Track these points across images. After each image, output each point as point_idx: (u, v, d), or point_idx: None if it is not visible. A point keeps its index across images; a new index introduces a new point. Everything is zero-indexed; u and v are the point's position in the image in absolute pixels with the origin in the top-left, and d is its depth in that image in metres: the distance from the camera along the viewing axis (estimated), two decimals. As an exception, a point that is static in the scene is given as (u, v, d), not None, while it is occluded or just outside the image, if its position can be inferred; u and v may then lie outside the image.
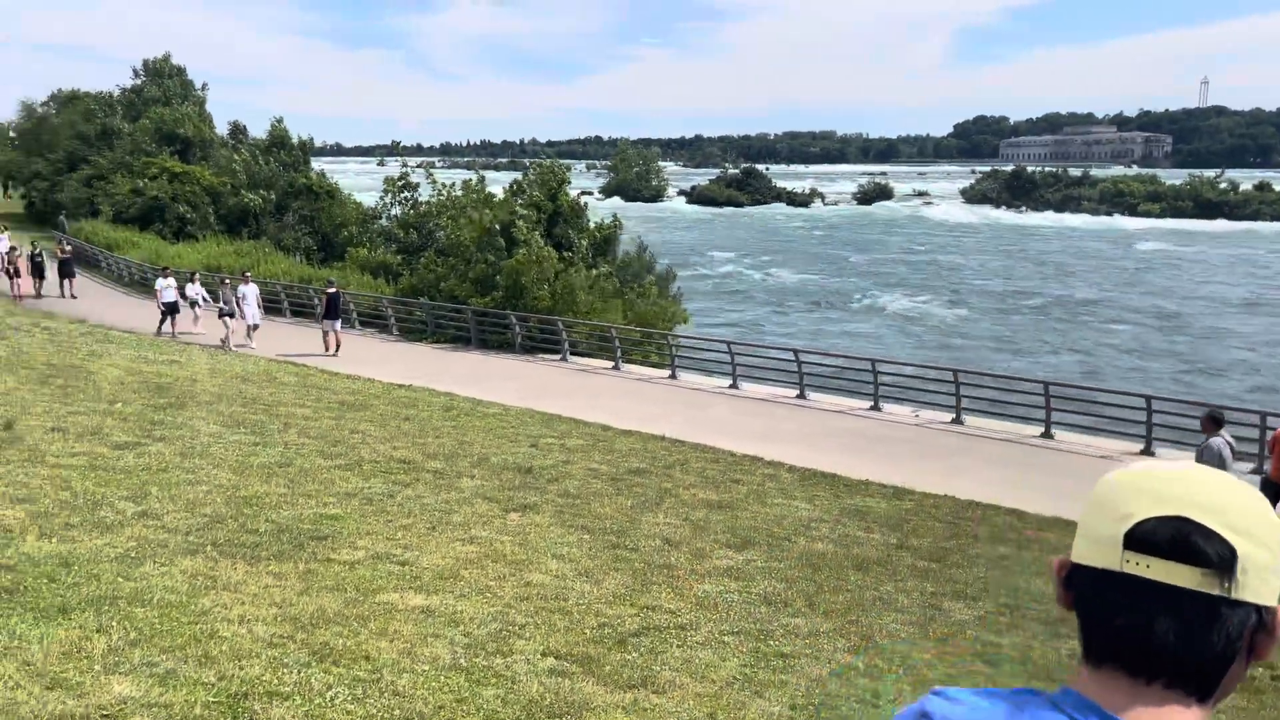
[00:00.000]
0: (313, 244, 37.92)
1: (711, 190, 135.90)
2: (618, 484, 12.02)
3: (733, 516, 10.91)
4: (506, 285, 24.06)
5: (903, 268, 62.23)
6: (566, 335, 22.98)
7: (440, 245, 27.92)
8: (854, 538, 10.46)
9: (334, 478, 10.24)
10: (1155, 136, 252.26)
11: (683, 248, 72.02)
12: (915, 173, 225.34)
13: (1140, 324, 40.71)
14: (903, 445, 16.40)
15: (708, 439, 15.94)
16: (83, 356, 16.65)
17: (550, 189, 26.99)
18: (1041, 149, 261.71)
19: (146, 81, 66.65)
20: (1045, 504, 13.05)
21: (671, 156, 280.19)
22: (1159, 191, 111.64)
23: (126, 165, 45.25)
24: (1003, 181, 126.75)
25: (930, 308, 44.88)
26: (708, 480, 12.84)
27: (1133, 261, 66.53)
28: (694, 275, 55.32)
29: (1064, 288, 52.04)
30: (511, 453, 13.27)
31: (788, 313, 43.28)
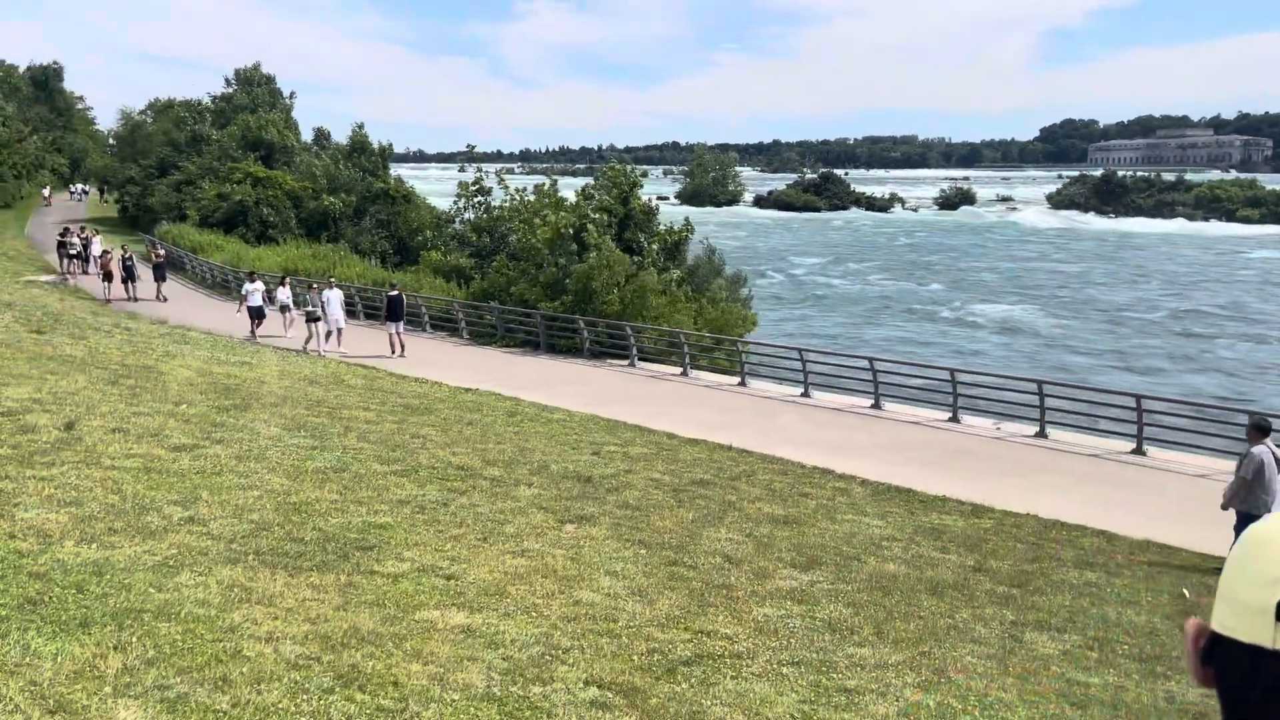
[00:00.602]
0: (389, 247, 38.39)
1: (788, 195, 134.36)
2: (679, 495, 11.60)
3: (799, 533, 10.39)
4: (576, 289, 23.84)
5: (987, 274, 60.43)
6: (635, 340, 22.63)
7: (512, 249, 27.89)
8: (928, 558, 9.85)
9: (389, 484, 10.03)
10: (1254, 140, 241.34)
11: (758, 253, 71.23)
12: (999, 178, 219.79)
13: (1257, 337, 38.66)
14: (983, 460, 15.62)
15: (776, 450, 15.41)
16: (156, 357, 16.90)
17: (621, 192, 26.72)
18: (1133, 153, 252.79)
19: (237, 90, 68.76)
20: (1137, 526, 12.21)
21: (749, 162, 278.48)
22: (1259, 196, 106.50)
23: (213, 170, 46.52)
24: (1091, 186, 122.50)
25: (1017, 315, 43.37)
26: (774, 494, 12.33)
27: (1248, 269, 63.47)
28: (768, 281, 54.56)
29: (1168, 297, 49.84)
30: (572, 460, 12.95)
31: (865, 320, 42.27)
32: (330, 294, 22.89)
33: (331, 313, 22.62)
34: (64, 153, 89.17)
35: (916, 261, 67.81)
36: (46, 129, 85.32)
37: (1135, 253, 74.64)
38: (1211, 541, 11.69)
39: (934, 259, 69.57)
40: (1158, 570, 10.21)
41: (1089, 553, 10.76)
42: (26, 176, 69.13)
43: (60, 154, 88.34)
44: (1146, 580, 9.79)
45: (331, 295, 22.87)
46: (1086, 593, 9.14)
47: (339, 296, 23.16)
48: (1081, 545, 11.11)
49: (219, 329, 25.20)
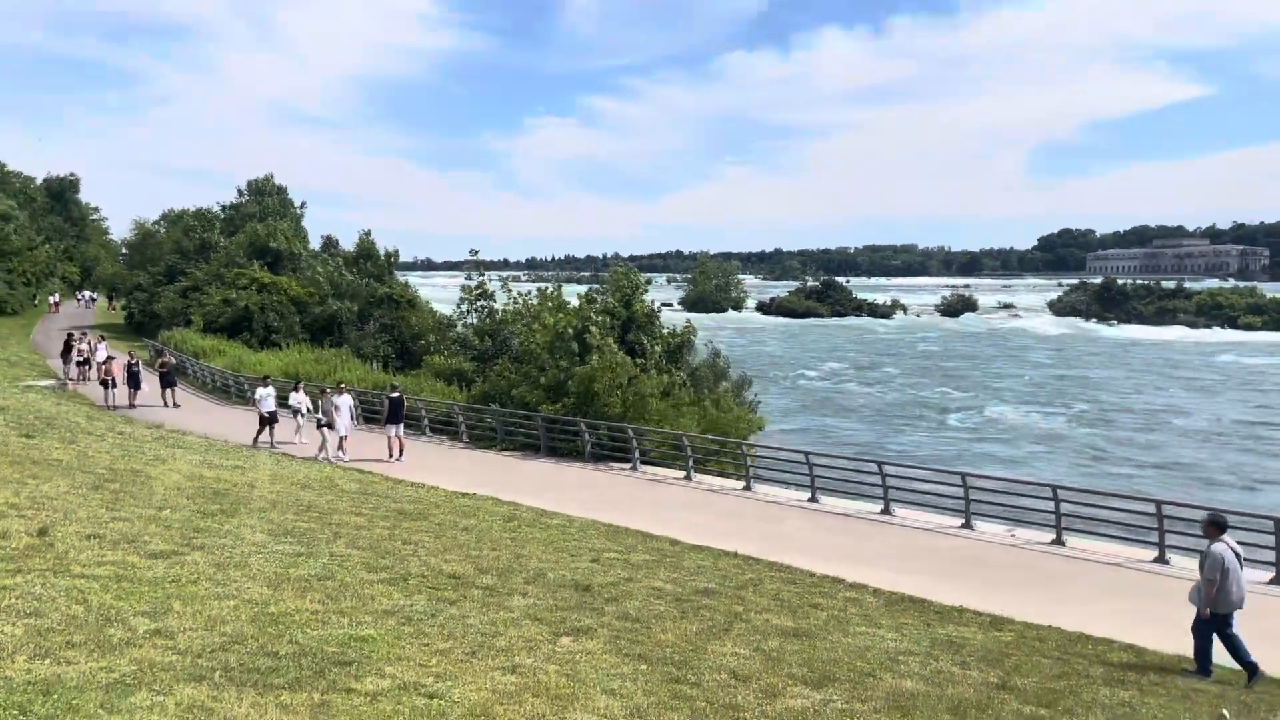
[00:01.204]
0: (391, 352, 38.32)
1: (791, 302, 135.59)
2: (683, 606, 11.01)
3: (810, 647, 9.78)
4: (578, 391, 23.54)
5: (1000, 379, 60.18)
6: (637, 443, 22.20)
7: (514, 352, 27.73)
8: (948, 674, 9.22)
9: (375, 593, 9.49)
10: (1251, 249, 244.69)
11: (764, 357, 71.24)
12: (999, 285, 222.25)
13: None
14: (999, 568, 14.99)
15: (784, 557, 14.83)
16: (146, 461, 16.49)
17: (624, 295, 26.71)
18: (1130, 262, 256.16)
19: (249, 199, 70.18)
20: (1166, 639, 11.54)
21: (752, 270, 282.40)
22: (1260, 304, 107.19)
23: (220, 277, 46.95)
24: (1092, 293, 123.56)
25: (1032, 420, 42.91)
26: (783, 604, 11.73)
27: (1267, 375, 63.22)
28: (771, 384, 54.31)
29: (1191, 401, 49.42)
30: (570, 568, 12.38)
31: (875, 424, 41.79)
32: (340, 399, 22.50)
33: (341, 419, 22.18)
34: (75, 261, 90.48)
35: (925, 366, 67.67)
36: (59, 238, 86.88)
37: (1145, 356, 74.53)
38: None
39: (943, 364, 69.47)
40: (1194, 689, 9.54)
41: (1119, 669, 10.11)
42: (37, 284, 69.88)
43: (72, 262, 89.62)
44: (1183, 700, 9.13)
45: (341, 401, 22.47)
46: (1121, 715, 8.49)
47: (348, 403, 22.75)
48: (1110, 661, 10.46)
49: (217, 433, 24.85)
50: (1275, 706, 9.26)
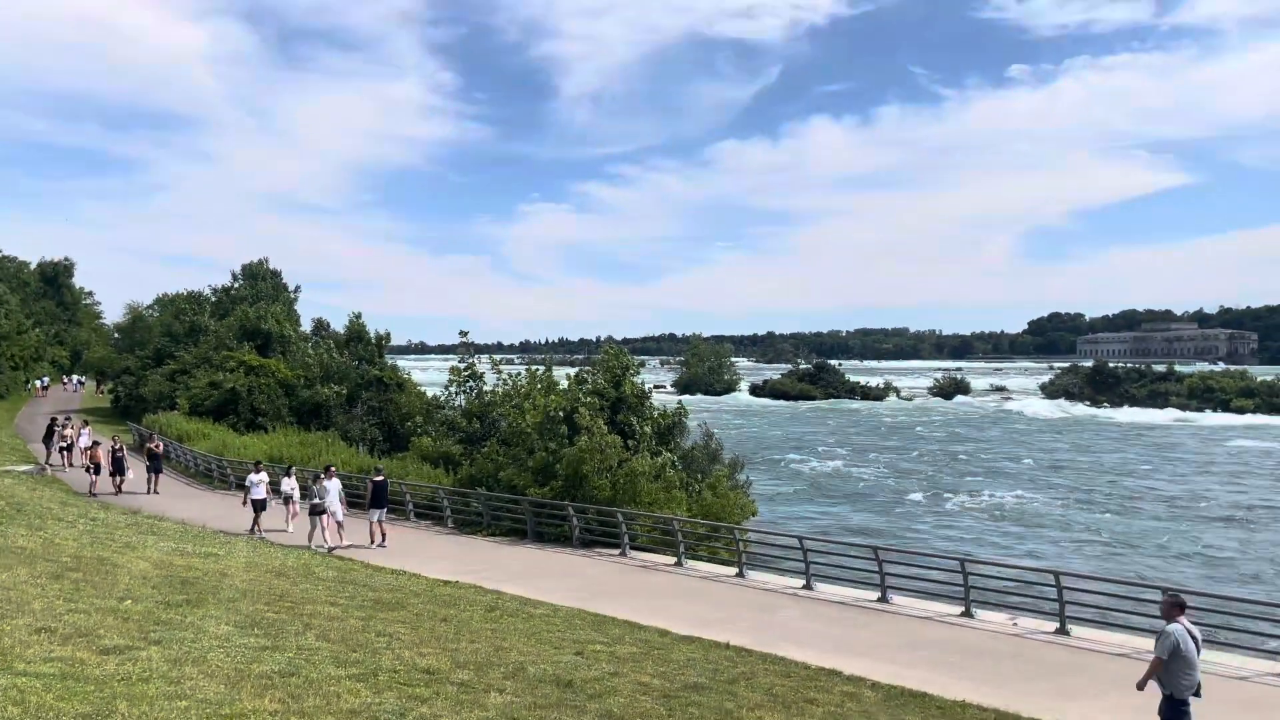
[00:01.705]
0: (379, 434, 37.80)
1: (783, 384, 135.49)
2: (670, 703, 10.39)
3: (805, 748, 9.17)
4: (567, 474, 23.02)
5: (1001, 463, 59.61)
6: (626, 528, 21.61)
7: (502, 435, 27.27)
8: (954, 779, 8.61)
9: (341, 690, 8.90)
10: (1240, 333, 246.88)
11: (754, 440, 70.69)
12: (991, 368, 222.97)
13: None
14: (1002, 660, 14.34)
15: (778, 648, 14.19)
16: (115, 549, 15.88)
17: (614, 375, 26.40)
18: (1120, 345, 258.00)
19: (242, 283, 70.32)
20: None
21: (744, 353, 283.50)
22: (1251, 387, 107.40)
23: (209, 360, 46.62)
24: (1084, 376, 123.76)
25: (1035, 505, 42.26)
26: (776, 700, 11.10)
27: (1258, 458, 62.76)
28: (764, 467, 53.68)
29: (1195, 485, 48.86)
30: (553, 662, 11.76)
31: (871, 508, 41.11)
32: (330, 484, 21.79)
33: (330, 504, 21.48)
34: (66, 345, 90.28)
35: (923, 450, 67.13)
36: (50, 322, 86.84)
37: (1148, 439, 74.16)
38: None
39: (942, 448, 68.96)
40: (1217, 792, 8.91)
41: (1137, 771, 9.48)
42: (25, 368, 69.48)
43: (62, 346, 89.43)
44: (1206, 805, 8.51)
45: (331, 485, 21.78)
46: (1141, 822, 7.88)
47: (337, 487, 22.06)
48: (1125, 761, 9.83)
49: (197, 518, 24.17)
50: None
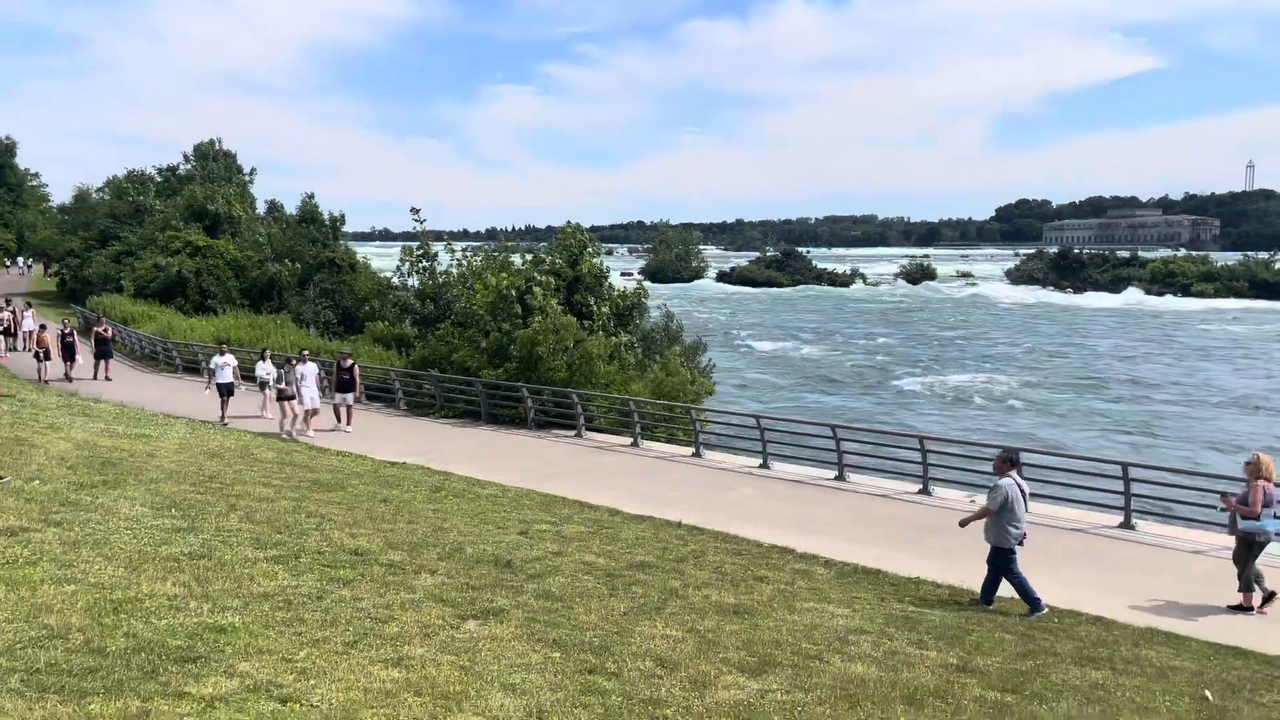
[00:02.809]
0: (333, 317, 36.75)
1: (750, 271, 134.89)
2: (614, 582, 9.95)
3: (751, 626, 8.78)
4: (521, 356, 22.33)
5: (961, 346, 59.83)
6: (582, 409, 21.09)
7: (456, 316, 26.39)
8: (903, 656, 8.27)
9: (256, 573, 8.31)
10: (1202, 219, 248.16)
11: (722, 326, 70.36)
12: (958, 255, 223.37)
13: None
14: (958, 535, 14.03)
15: (731, 526, 13.85)
16: (38, 430, 15.05)
17: (571, 255, 25.46)
18: (1086, 232, 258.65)
19: (195, 164, 67.42)
20: (1136, 611, 10.75)
21: (713, 240, 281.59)
22: (1212, 272, 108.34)
23: (154, 241, 44.88)
24: (1049, 262, 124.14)
25: (995, 386, 42.42)
26: (725, 578, 10.72)
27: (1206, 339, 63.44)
28: (728, 349, 53.43)
29: (1152, 366, 49.28)
30: (494, 542, 11.28)
31: (834, 392, 41.05)
32: (304, 369, 20.39)
33: (307, 390, 20.17)
34: (11, 228, 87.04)
35: (880, 334, 67.18)
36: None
37: (1104, 321, 74.72)
38: (1221, 629, 10.24)
39: (897, 332, 69.03)
40: (1170, 667, 8.68)
41: (1088, 645, 9.22)
42: (-33, 250, 66.89)
43: (7, 229, 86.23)
44: (1159, 679, 8.26)
45: (306, 370, 20.39)
46: (1094, 698, 7.58)
47: (314, 371, 20.74)
48: (1078, 636, 9.58)
49: (135, 400, 23.29)
50: (1252, 683, 8.44)
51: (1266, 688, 8.28)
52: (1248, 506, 10.56)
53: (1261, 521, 10.46)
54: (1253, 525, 10.53)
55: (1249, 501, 10.56)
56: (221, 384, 21.66)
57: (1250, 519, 10.52)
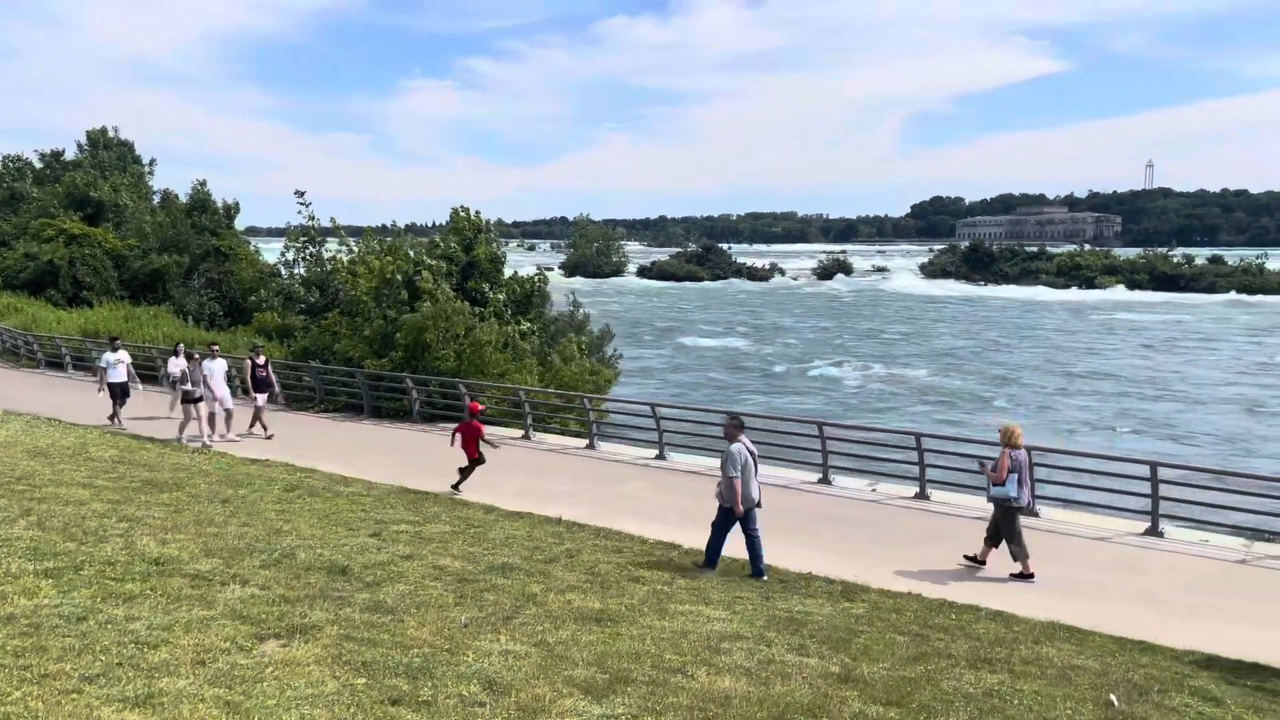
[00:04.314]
0: (219, 309, 34.62)
1: (671, 266, 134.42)
2: (465, 588, 8.79)
3: (612, 636, 7.71)
4: (406, 344, 20.89)
5: (866, 335, 59.89)
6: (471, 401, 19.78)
7: (342, 304, 24.76)
8: (780, 665, 7.28)
9: (13, 590, 6.93)
10: (1105, 216, 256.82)
11: (639, 319, 69.46)
12: (875, 251, 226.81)
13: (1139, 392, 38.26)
14: (857, 527, 13.28)
15: (617, 522, 12.77)
16: None
17: (465, 239, 24.06)
18: (997, 228, 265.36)
19: (86, 153, 63.67)
20: (1038, 603, 9.97)
21: (636, 237, 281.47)
22: (1115, 265, 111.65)
23: (28, 230, 41.87)
24: (961, 255, 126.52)
25: (904, 372, 42.24)
26: (596, 580, 9.63)
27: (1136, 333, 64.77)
28: (647, 344, 52.52)
29: (1055, 353, 49.80)
30: (337, 546, 9.99)
31: (743, 382, 40.38)
32: (212, 365, 18.12)
33: (217, 390, 17.97)
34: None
35: (795, 325, 67.05)
36: None
37: (1019, 315, 75.95)
38: (1127, 622, 9.53)
39: (809, 323, 69.03)
40: (1073, 667, 7.87)
41: (986, 644, 8.38)
42: None
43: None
44: (1060, 682, 7.43)
45: (214, 367, 18.12)
46: (988, 709, 6.69)
47: (223, 368, 18.45)
48: (976, 634, 8.74)
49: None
50: (1160, 683, 7.68)
51: (1176, 688, 7.52)
52: (996, 473, 10.99)
53: (1006, 487, 10.89)
54: (999, 491, 10.96)
55: (997, 468, 11.00)
56: (114, 383, 19.04)
57: (998, 485, 10.95)
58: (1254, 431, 30.37)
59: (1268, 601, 10.23)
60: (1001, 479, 10.93)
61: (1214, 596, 10.53)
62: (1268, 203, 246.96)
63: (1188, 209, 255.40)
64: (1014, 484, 10.91)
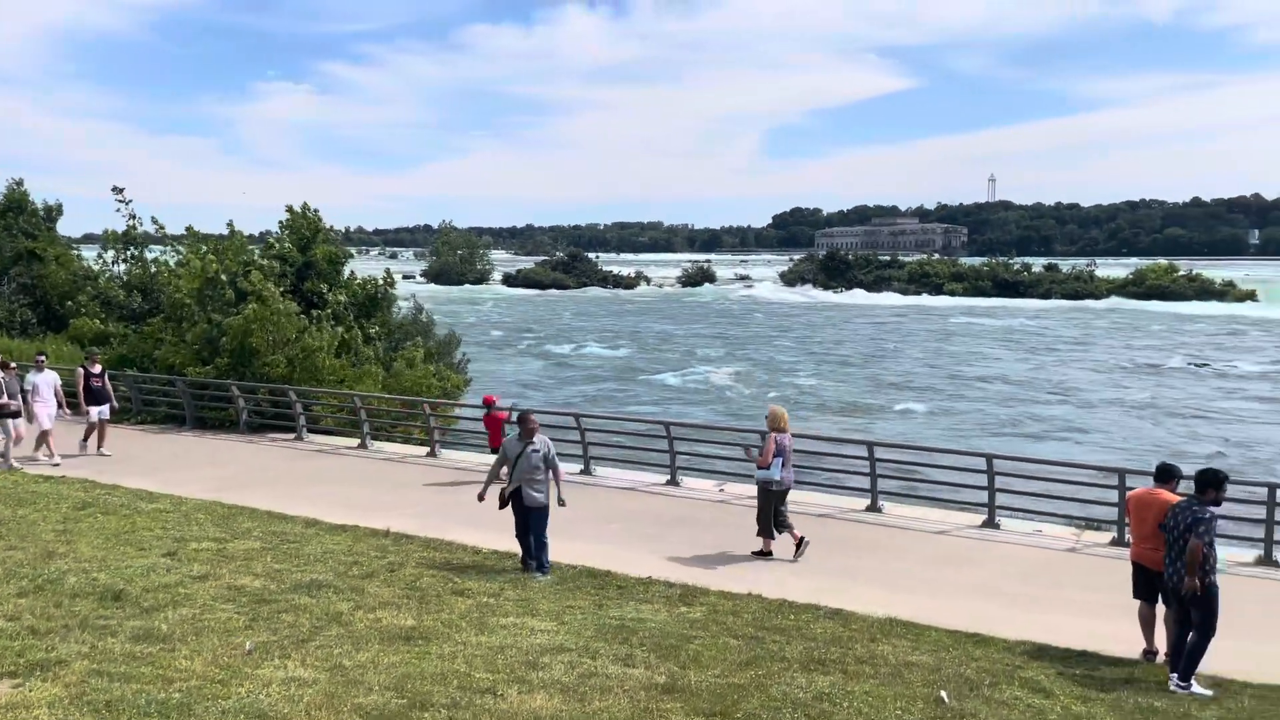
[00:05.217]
0: (33, 315, 31.75)
1: (537, 273, 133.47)
2: (260, 610, 7.89)
3: (419, 655, 6.99)
4: (232, 350, 19.45)
5: (723, 338, 60.54)
6: (303, 409, 18.56)
7: (164, 308, 22.94)
8: (602, 679, 6.73)
9: None
10: (953, 227, 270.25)
11: (501, 326, 68.29)
12: (738, 260, 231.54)
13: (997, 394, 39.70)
14: (704, 528, 12.92)
15: (451, 532, 11.99)
16: None
17: (301, 238, 22.69)
18: (853, 238, 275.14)
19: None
20: (877, 599, 9.77)
21: (503, 245, 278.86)
22: (961, 272, 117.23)
23: None
24: (818, 264, 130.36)
25: (757, 374, 42.66)
26: (415, 595, 8.87)
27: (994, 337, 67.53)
28: (504, 351, 51.54)
29: (900, 357, 51.32)
30: (120, 568, 8.89)
31: (598, 385, 39.96)
32: (37, 379, 16.00)
33: (45, 406, 15.90)
34: None
35: (653, 330, 67.25)
36: None
37: (879, 320, 78.37)
38: (963, 615, 9.43)
39: (669, 328, 69.41)
40: (907, 664, 7.62)
41: (821, 644, 8.06)
42: None
43: None
44: (892, 681, 7.15)
45: (39, 381, 15.99)
46: (816, 714, 6.31)
47: (51, 381, 16.21)
48: (813, 634, 8.42)
49: None
50: (992, 676, 7.53)
51: (1007, 681, 7.36)
52: (762, 456, 11.21)
53: (770, 470, 11.10)
54: (763, 474, 11.16)
55: (763, 451, 11.23)
56: None
57: (763, 468, 11.14)
58: (1098, 424, 31.93)
59: (1096, 589, 10.36)
60: (767, 462, 11.12)
61: (1046, 586, 10.61)
62: (1097, 216, 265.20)
63: (1026, 221, 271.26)
64: (778, 467, 11.14)
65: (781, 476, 11.21)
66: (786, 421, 11.49)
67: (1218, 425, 31.67)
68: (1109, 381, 42.58)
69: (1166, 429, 31.03)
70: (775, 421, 11.39)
